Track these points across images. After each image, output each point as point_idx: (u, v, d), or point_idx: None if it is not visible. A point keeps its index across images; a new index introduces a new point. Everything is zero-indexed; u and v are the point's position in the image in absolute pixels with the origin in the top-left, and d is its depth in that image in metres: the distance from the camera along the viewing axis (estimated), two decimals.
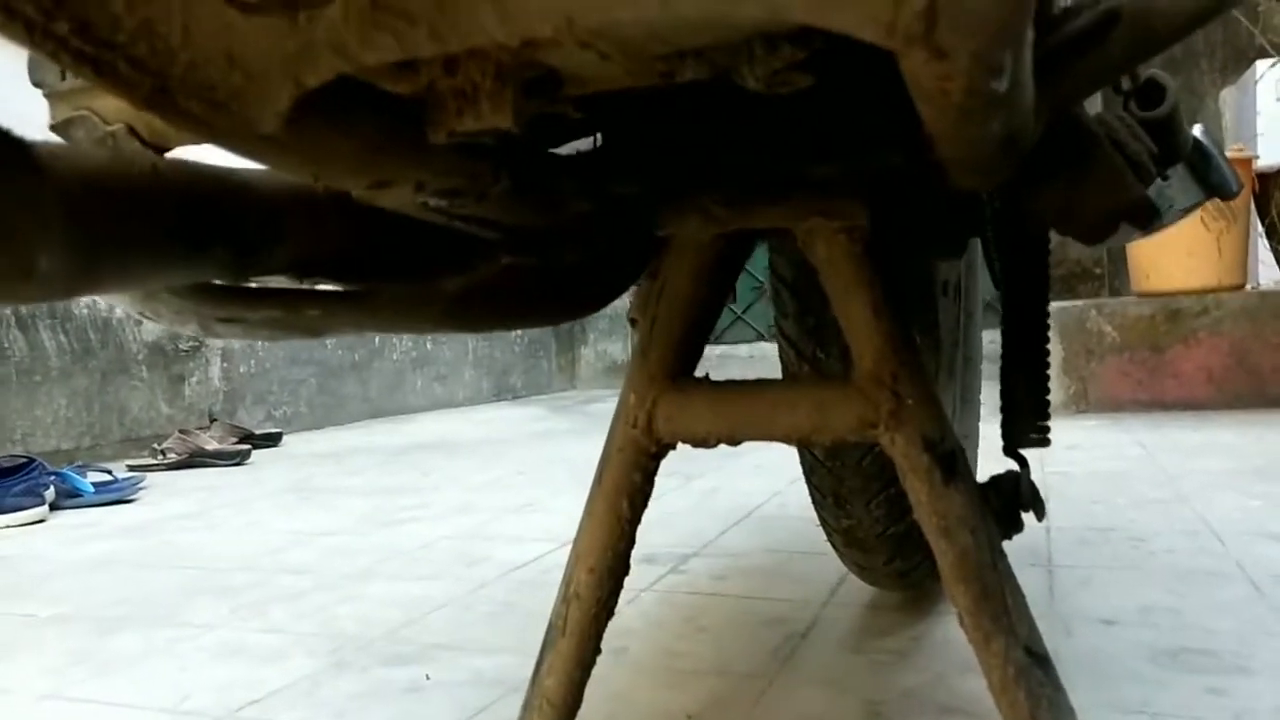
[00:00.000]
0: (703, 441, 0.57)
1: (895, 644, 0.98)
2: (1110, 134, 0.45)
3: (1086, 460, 2.04)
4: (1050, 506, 1.55)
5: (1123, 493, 1.68)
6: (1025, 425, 0.58)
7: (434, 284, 0.56)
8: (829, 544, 1.03)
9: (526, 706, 0.59)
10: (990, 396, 1.46)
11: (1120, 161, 0.44)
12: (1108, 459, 2.06)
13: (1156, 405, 2.82)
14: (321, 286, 0.53)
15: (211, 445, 2.76)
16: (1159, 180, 0.58)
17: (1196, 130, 0.71)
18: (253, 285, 0.50)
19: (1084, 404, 2.89)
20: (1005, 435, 0.60)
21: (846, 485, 0.89)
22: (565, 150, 0.57)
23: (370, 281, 0.54)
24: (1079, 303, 2.97)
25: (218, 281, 0.50)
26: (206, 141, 0.32)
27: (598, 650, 0.59)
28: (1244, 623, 0.98)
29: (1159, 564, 1.22)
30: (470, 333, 0.62)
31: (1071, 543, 1.34)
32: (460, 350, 4.60)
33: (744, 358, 4.82)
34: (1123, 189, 0.43)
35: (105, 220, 0.31)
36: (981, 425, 1.28)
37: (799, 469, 0.95)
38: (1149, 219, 0.44)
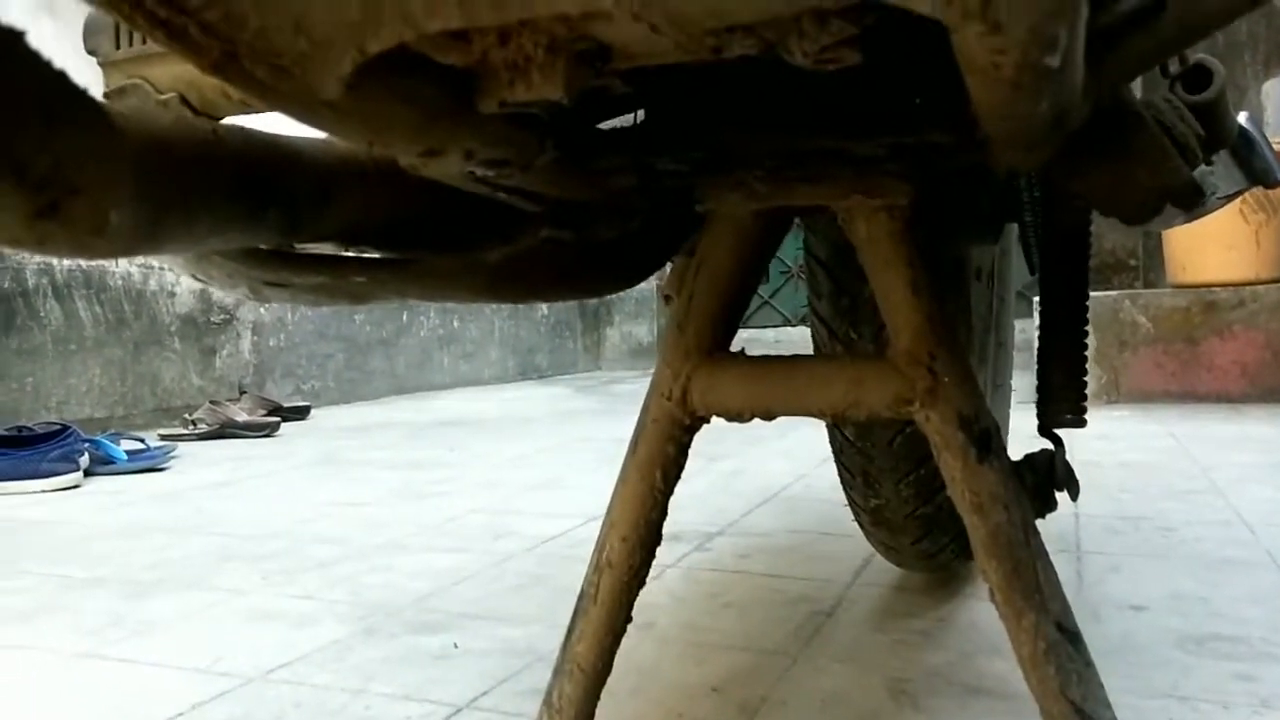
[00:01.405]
0: (737, 415, 0.58)
1: (921, 624, 0.98)
2: (1157, 116, 0.45)
3: (1117, 450, 2.03)
4: (1080, 495, 1.55)
5: (1153, 483, 1.67)
6: (1061, 405, 0.58)
7: (475, 255, 0.57)
8: (856, 524, 1.03)
9: (557, 671, 0.60)
10: (1019, 384, 1.45)
11: (1167, 143, 0.44)
12: (1139, 449, 2.04)
13: (1189, 397, 2.80)
14: (366, 254, 0.54)
15: (241, 417, 2.79)
16: (1203, 166, 0.57)
17: (1241, 117, 0.71)
18: (300, 252, 0.51)
19: (1115, 395, 2.87)
20: (1041, 415, 0.60)
21: (876, 465, 0.89)
22: (608, 126, 0.58)
23: (413, 251, 0.55)
24: (1113, 293, 2.95)
25: (265, 247, 0.51)
26: (270, 107, 0.33)
27: (629, 618, 0.60)
28: (1274, 611, 0.98)
29: (1189, 552, 1.21)
30: (509, 303, 0.63)
31: (1101, 531, 1.34)
32: (486, 329, 4.63)
33: (770, 342, 4.81)
34: (1169, 171, 0.43)
35: (172, 180, 0.32)
36: (1011, 413, 1.28)
37: (824, 453, 0.95)
38: (1194, 201, 0.44)
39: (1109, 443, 2.13)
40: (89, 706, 0.85)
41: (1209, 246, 2.81)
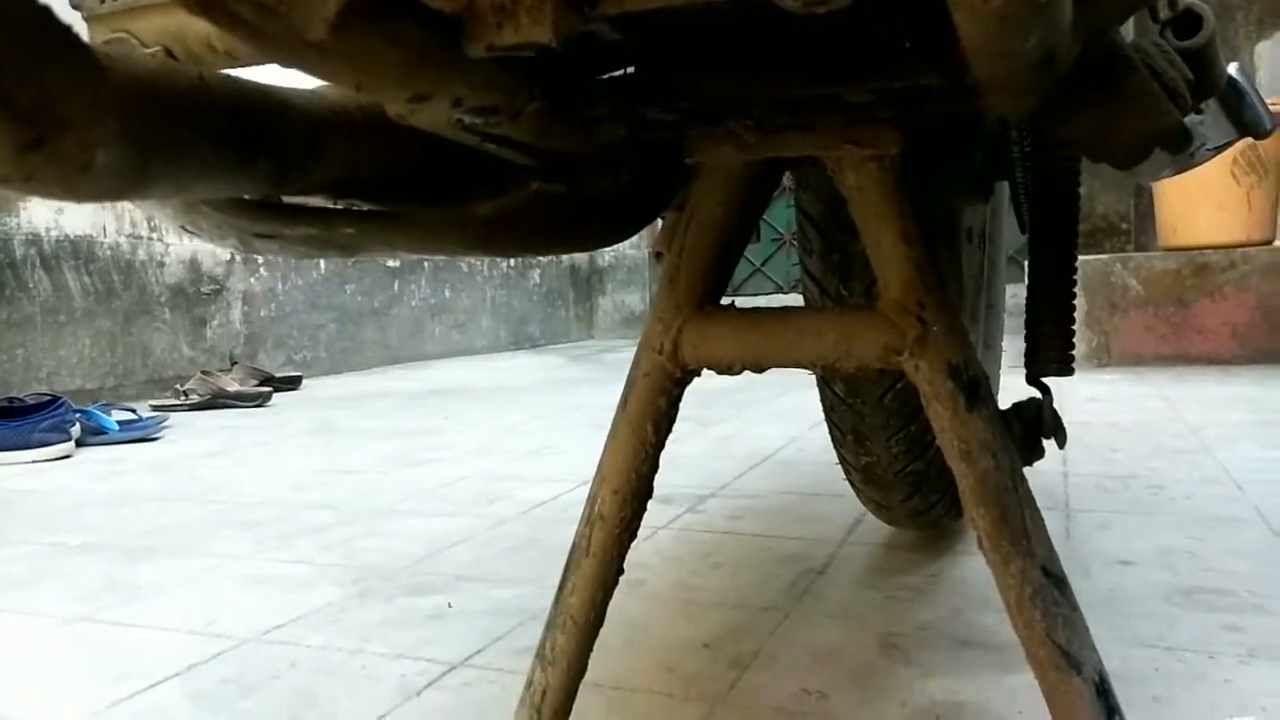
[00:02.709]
0: (728, 368, 0.58)
1: (912, 581, 0.99)
2: (1146, 60, 0.45)
3: (1107, 411, 2.04)
4: (1069, 454, 1.56)
5: (1143, 442, 1.68)
6: (1049, 354, 0.58)
7: (465, 208, 0.57)
8: (847, 482, 1.04)
9: (550, 624, 0.60)
10: (1010, 346, 1.46)
11: (1156, 87, 0.44)
12: (1129, 410, 2.06)
13: (1180, 360, 2.81)
14: (356, 207, 0.54)
15: (233, 387, 2.79)
16: (1193, 115, 0.57)
17: (1232, 69, 0.71)
18: (289, 203, 0.51)
19: (1106, 358, 2.88)
20: (1028, 363, 0.60)
21: (866, 422, 0.90)
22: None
23: (402, 204, 0.55)
24: (1104, 257, 2.95)
25: (253, 198, 0.50)
26: (256, 49, 0.33)
27: (620, 571, 0.60)
28: (1261, 565, 0.99)
29: (1178, 509, 1.22)
30: (499, 256, 0.63)
31: (1090, 489, 1.35)
32: (478, 298, 4.62)
33: None
34: (1159, 114, 0.43)
35: (158, 122, 0.32)
36: (1002, 375, 1.29)
37: (815, 416, 0.96)
38: (1183, 145, 0.44)
39: (1100, 405, 2.14)
40: (86, 667, 0.85)
41: (1200, 209, 2.81)
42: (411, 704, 0.75)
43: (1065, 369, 0.57)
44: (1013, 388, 0.95)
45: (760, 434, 1.93)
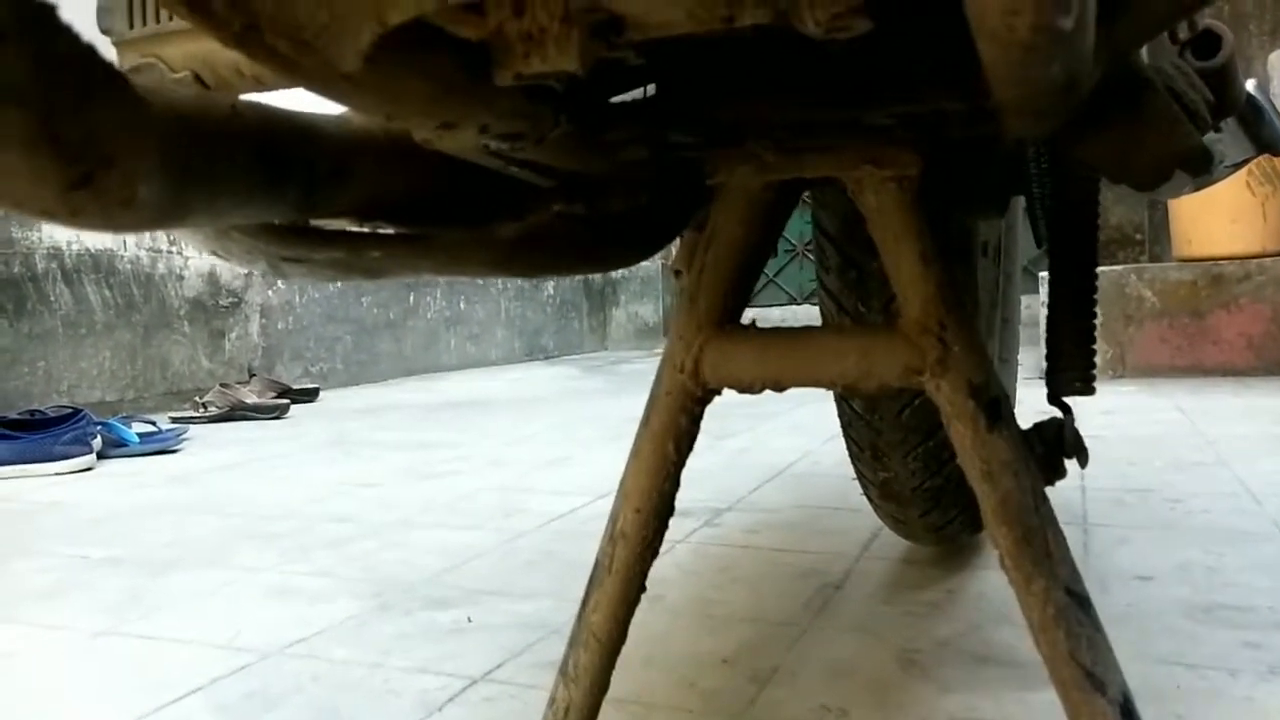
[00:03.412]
0: (749, 387, 0.58)
1: (930, 596, 0.99)
2: (1166, 82, 0.46)
3: (1123, 424, 2.04)
4: (1086, 468, 1.56)
5: (1160, 455, 1.68)
6: (1070, 373, 0.59)
7: (488, 230, 0.57)
8: (864, 498, 1.04)
9: (573, 642, 0.61)
10: (1025, 359, 1.45)
11: (1177, 109, 0.44)
12: (1145, 423, 2.05)
13: (1195, 371, 2.80)
14: (381, 230, 0.54)
15: (251, 399, 2.81)
16: (1211, 133, 0.58)
17: (1249, 85, 0.71)
18: (316, 228, 0.51)
19: (1121, 370, 2.87)
20: (1050, 383, 0.61)
21: (884, 438, 0.90)
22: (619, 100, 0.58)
23: (427, 226, 0.56)
24: (1118, 268, 2.94)
25: (282, 223, 0.51)
26: (289, 81, 0.33)
27: (642, 588, 0.60)
28: None
29: (1196, 524, 1.22)
30: (522, 277, 0.63)
31: (1108, 503, 1.34)
32: (493, 310, 4.63)
33: (776, 320, 4.81)
34: (1180, 136, 0.44)
35: (195, 154, 0.33)
36: (1018, 387, 1.29)
37: (830, 430, 0.96)
38: (1205, 167, 0.45)
39: (1115, 417, 2.13)
40: (110, 681, 0.86)
41: (1215, 219, 2.80)
42: (434, 719, 0.75)
43: (1087, 388, 0.57)
44: (1029, 400, 0.95)
45: (775, 447, 1.93)
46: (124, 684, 0.85)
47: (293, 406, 2.94)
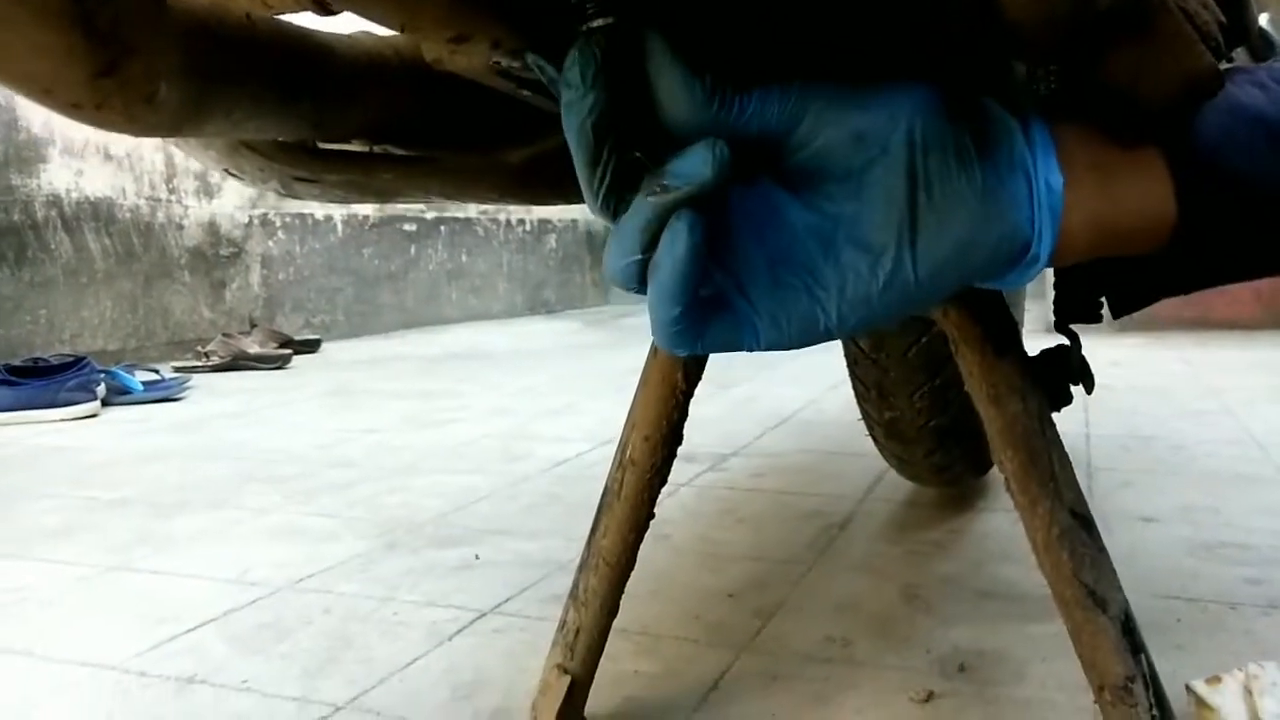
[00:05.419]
0: None
1: (933, 536, 1.00)
2: (1179, 2, 0.45)
3: (1130, 376, 2.04)
4: (1091, 415, 1.57)
5: (1165, 405, 1.68)
6: (1076, 300, 0.58)
7: (497, 155, 0.57)
8: (870, 438, 1.05)
9: (582, 566, 0.62)
10: (1030, 310, 1.44)
11: (1189, 29, 0.44)
12: (1151, 374, 2.05)
13: (1202, 324, 2.79)
14: (392, 152, 0.54)
15: (254, 349, 2.81)
16: (1224, 63, 0.57)
17: (1263, 19, 0.70)
18: (328, 148, 0.51)
19: (1128, 322, 2.87)
20: (1056, 310, 0.60)
21: (891, 377, 0.90)
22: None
23: (436, 150, 0.56)
24: None
25: (293, 140, 0.51)
26: None
27: (651, 515, 0.61)
28: None
29: (1200, 468, 1.23)
30: (531, 203, 0.63)
31: (1113, 449, 1.35)
32: (494, 263, 4.62)
33: None
34: (1193, 56, 0.43)
35: (214, 57, 0.32)
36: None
37: (834, 378, 0.97)
38: (1215, 89, 0.44)
39: (1122, 369, 2.13)
40: (126, 612, 0.87)
41: None
42: (444, 648, 0.77)
43: (1093, 315, 0.57)
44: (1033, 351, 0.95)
45: (779, 395, 1.94)
46: (139, 615, 0.86)
47: (295, 357, 2.94)
